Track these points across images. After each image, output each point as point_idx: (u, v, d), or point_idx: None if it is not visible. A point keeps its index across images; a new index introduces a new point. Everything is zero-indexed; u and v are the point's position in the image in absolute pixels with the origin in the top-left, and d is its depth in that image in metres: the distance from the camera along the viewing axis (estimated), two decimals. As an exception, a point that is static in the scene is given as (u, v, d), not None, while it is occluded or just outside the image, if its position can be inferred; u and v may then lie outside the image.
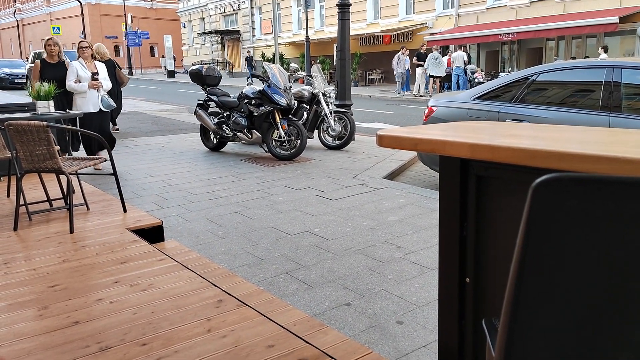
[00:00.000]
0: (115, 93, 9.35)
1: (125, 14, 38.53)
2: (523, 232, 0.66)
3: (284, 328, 2.32)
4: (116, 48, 50.58)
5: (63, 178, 4.20)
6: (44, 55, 6.68)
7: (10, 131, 3.74)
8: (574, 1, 18.26)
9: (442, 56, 19.86)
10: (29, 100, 5.98)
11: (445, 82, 20.13)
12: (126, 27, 38.24)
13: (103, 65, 6.85)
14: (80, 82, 6.42)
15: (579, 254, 0.67)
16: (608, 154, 1.09)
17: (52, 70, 6.56)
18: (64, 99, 6.55)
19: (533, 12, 19.38)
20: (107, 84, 6.71)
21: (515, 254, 0.68)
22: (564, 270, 0.67)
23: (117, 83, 9.47)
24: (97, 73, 6.59)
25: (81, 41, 6.70)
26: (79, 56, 6.59)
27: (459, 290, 1.63)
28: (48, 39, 6.69)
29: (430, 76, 18.94)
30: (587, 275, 0.68)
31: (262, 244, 4.05)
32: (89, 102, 6.51)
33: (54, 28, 37.98)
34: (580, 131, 1.70)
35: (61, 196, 4.44)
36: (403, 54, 19.82)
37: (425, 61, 18.95)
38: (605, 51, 16.90)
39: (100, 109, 6.57)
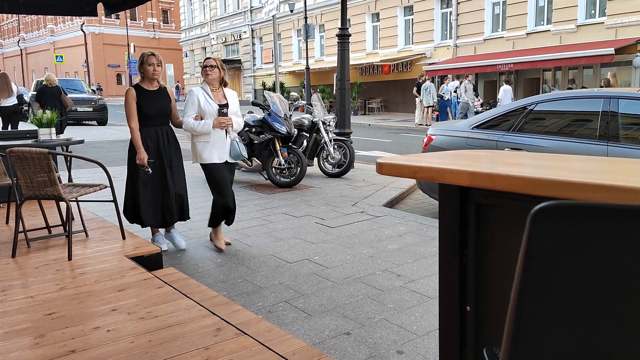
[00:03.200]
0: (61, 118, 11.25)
1: (128, 43, 39.11)
2: (522, 259, 0.67)
3: (283, 357, 2.29)
4: (118, 77, 51.24)
5: (63, 204, 4.20)
6: (138, 80, 4.46)
7: (11, 158, 3.76)
8: (570, 33, 18.56)
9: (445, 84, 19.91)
10: (31, 127, 5.99)
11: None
12: (129, 56, 38.76)
13: (234, 93, 4.67)
14: (202, 118, 4.34)
15: (578, 280, 0.67)
16: (607, 183, 1.09)
17: (153, 100, 4.35)
18: (166, 139, 4.41)
19: (530, 44, 19.66)
20: (239, 121, 4.60)
21: (515, 282, 0.68)
22: (563, 297, 0.67)
23: (64, 107, 11.14)
24: (226, 105, 4.46)
25: (207, 58, 4.52)
26: (203, 80, 4.52)
27: (459, 319, 1.62)
28: (149, 55, 4.34)
29: (425, 106, 19.03)
30: (587, 301, 0.68)
31: (261, 272, 4.03)
32: (213, 148, 4.38)
33: (57, 57, 38.52)
34: (578, 160, 1.71)
35: (60, 223, 4.43)
36: (470, 81, 18.17)
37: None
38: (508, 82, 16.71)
39: (226, 160, 4.49)
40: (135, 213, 4.42)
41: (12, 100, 11.12)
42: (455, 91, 18.99)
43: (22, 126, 11.55)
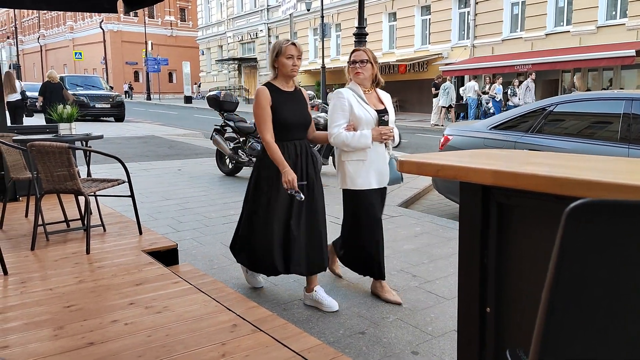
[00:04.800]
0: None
1: (145, 41, 39.45)
2: (555, 258, 0.66)
3: (299, 355, 2.29)
4: (136, 74, 51.72)
5: (81, 199, 4.24)
6: (271, 78, 3.34)
7: (32, 152, 3.81)
8: (591, 34, 18.32)
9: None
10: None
11: (461, 112, 20.12)
12: (146, 54, 39.10)
13: (389, 96, 3.63)
14: (356, 129, 3.30)
15: (613, 280, 0.66)
16: (635, 183, 1.08)
17: (292, 104, 3.27)
18: (306, 157, 3.34)
19: (549, 44, 19.44)
20: (398, 133, 3.52)
21: (547, 281, 0.67)
22: (598, 298, 0.66)
23: (65, 102, 11.88)
24: (385, 111, 3.42)
25: (356, 50, 3.51)
26: (350, 80, 3.48)
27: (479, 320, 1.60)
28: (289, 45, 3.21)
29: (443, 107, 18.93)
30: (622, 302, 0.66)
31: (276, 270, 4.03)
32: (371, 169, 3.33)
33: (76, 53, 38.97)
34: (600, 160, 1.69)
35: (78, 217, 4.48)
36: (533, 80, 16.75)
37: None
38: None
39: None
40: (253, 256, 3.35)
41: (15, 96, 12.50)
42: (506, 92, 18.46)
43: (27, 121, 12.87)
